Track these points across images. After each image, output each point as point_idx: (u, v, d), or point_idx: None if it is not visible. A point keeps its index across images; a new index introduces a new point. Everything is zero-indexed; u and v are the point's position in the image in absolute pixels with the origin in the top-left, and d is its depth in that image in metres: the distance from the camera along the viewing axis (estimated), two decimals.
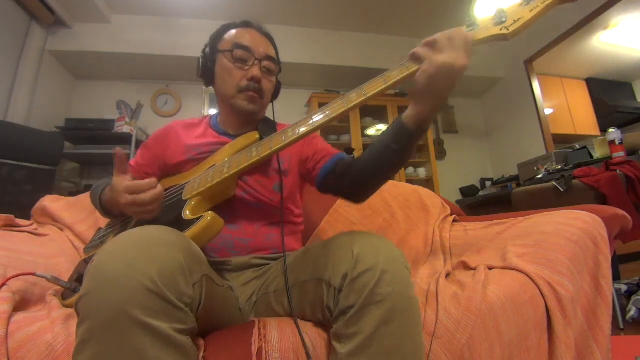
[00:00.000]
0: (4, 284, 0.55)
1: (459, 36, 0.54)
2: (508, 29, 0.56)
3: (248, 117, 0.79)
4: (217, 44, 0.78)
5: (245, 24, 0.80)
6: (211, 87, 0.82)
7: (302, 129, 0.59)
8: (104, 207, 0.74)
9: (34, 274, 0.60)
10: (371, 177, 0.67)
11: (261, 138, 0.72)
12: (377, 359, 0.42)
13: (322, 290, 0.49)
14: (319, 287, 0.50)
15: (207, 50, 0.79)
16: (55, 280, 0.61)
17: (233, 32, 0.78)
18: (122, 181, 0.60)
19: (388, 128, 0.64)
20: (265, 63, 0.76)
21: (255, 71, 0.74)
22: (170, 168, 0.77)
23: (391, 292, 0.44)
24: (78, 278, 0.65)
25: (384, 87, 0.58)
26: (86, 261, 0.73)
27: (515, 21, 0.55)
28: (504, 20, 0.56)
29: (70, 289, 0.62)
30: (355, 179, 0.69)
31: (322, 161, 0.76)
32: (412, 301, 0.47)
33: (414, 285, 0.48)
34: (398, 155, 0.62)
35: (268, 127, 0.80)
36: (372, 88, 0.59)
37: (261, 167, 0.73)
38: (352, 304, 0.44)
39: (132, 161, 0.86)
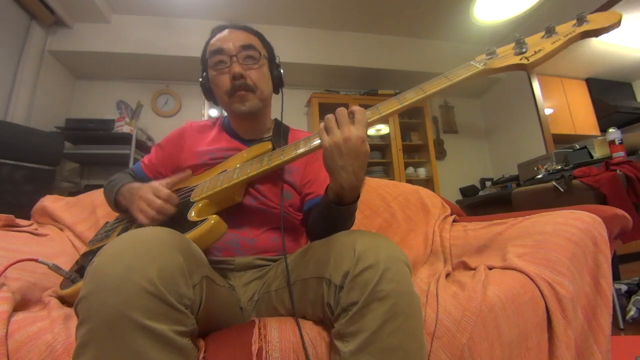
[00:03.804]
0: (5, 270, 0.57)
1: (342, 113, 0.56)
2: (528, 59, 0.55)
3: (251, 117, 0.78)
4: (205, 64, 0.79)
5: (217, 30, 0.79)
6: None
7: (315, 142, 0.60)
8: (117, 198, 0.75)
9: (36, 260, 0.62)
10: (318, 233, 0.66)
11: (273, 148, 0.72)
12: (381, 356, 0.42)
13: (323, 288, 0.49)
14: (319, 284, 0.51)
15: (203, 73, 0.79)
16: (56, 269, 0.63)
17: (209, 44, 0.78)
18: (159, 182, 0.68)
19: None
20: (243, 54, 0.74)
21: (234, 68, 0.72)
22: (182, 170, 0.78)
23: (394, 288, 0.44)
24: (79, 269, 0.66)
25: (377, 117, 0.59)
26: (88, 254, 0.75)
27: (536, 52, 0.55)
28: (525, 50, 0.56)
29: (70, 279, 0.63)
30: (307, 230, 0.77)
31: (312, 195, 0.76)
32: (414, 298, 0.47)
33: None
34: (332, 222, 0.63)
35: (280, 135, 0.80)
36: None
37: (272, 175, 0.74)
38: (354, 301, 0.44)
39: (145, 159, 0.87)
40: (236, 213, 0.69)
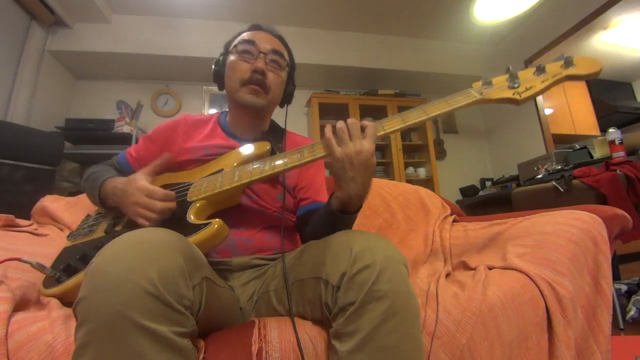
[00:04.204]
0: None
1: (355, 127, 0.57)
2: (520, 95, 0.59)
3: (254, 114, 0.79)
4: (228, 48, 0.81)
5: (255, 27, 0.81)
6: (212, 88, 0.82)
7: (321, 151, 0.61)
8: (101, 195, 0.72)
9: (19, 259, 0.59)
10: (317, 239, 0.64)
11: (272, 149, 0.72)
12: (377, 356, 0.42)
13: (321, 288, 0.50)
14: (317, 285, 0.51)
15: (220, 57, 0.81)
16: (40, 267, 0.60)
17: (242, 34, 0.81)
18: (143, 178, 0.65)
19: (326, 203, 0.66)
20: (271, 56, 0.77)
21: (259, 63, 0.74)
22: (174, 165, 0.77)
23: (391, 288, 0.44)
24: (66, 268, 0.62)
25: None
26: (70, 249, 0.71)
27: (527, 89, 0.59)
28: (517, 85, 0.60)
29: (54, 278, 0.60)
30: (305, 235, 0.75)
31: (307, 200, 0.78)
32: (412, 298, 0.47)
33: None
34: (334, 228, 0.61)
35: (276, 136, 0.81)
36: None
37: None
38: (351, 301, 0.44)
39: (131, 150, 0.84)
40: (232, 213, 0.69)
